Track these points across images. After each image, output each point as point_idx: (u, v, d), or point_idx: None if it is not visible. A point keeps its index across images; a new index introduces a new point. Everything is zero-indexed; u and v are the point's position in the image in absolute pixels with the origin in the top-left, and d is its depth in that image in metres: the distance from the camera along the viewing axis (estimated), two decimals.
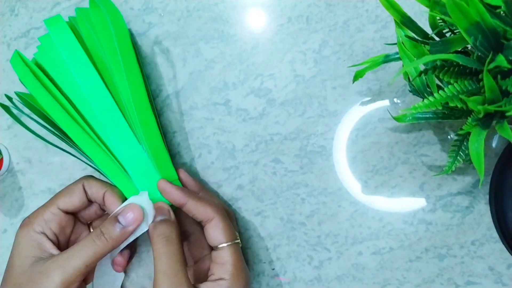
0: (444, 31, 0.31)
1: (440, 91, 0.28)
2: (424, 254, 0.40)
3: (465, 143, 0.34)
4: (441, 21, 0.30)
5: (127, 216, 0.36)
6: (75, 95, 0.39)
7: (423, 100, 0.28)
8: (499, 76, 0.26)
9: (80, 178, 0.40)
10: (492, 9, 0.25)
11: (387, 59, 0.35)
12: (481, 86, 0.27)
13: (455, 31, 0.31)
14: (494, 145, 0.39)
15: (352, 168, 0.41)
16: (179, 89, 0.44)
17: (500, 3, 0.25)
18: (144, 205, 0.37)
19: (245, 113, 0.43)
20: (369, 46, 0.41)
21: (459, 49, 0.28)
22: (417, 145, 0.40)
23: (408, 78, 0.35)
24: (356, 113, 0.42)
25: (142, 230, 0.37)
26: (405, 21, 0.31)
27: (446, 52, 0.28)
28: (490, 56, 0.25)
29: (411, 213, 0.40)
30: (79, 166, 0.45)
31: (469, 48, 0.29)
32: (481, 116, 0.28)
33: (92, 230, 0.41)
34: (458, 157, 0.34)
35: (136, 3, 0.46)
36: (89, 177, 0.40)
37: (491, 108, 0.26)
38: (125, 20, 0.44)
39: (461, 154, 0.34)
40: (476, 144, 0.27)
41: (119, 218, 0.36)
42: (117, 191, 0.39)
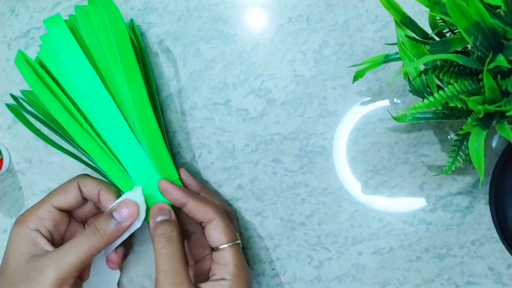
0: (444, 31, 0.31)
1: (440, 91, 0.28)
2: (424, 254, 0.40)
3: (465, 143, 0.34)
4: (441, 21, 0.30)
5: (122, 212, 0.36)
6: (77, 95, 0.39)
7: (423, 100, 0.28)
8: (499, 76, 0.26)
9: (75, 177, 0.40)
10: (492, 9, 0.25)
11: (387, 59, 0.35)
12: (481, 86, 0.27)
13: (455, 31, 0.31)
14: (494, 145, 0.39)
15: (352, 168, 0.41)
16: (179, 89, 0.44)
17: (500, 3, 0.25)
18: (138, 200, 0.37)
19: (245, 113, 0.43)
20: (369, 46, 0.41)
21: (459, 49, 0.28)
22: (417, 145, 0.40)
23: (408, 78, 0.35)
24: (356, 113, 0.42)
25: (136, 226, 0.37)
26: (405, 21, 0.31)
27: (446, 52, 0.28)
28: (490, 56, 0.25)
29: (411, 213, 0.40)
30: (79, 166, 0.45)
31: (469, 48, 0.29)
32: (481, 116, 0.28)
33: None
34: (458, 157, 0.34)
35: (136, 3, 0.46)
36: (84, 176, 0.40)
37: (491, 108, 0.26)
38: (126, 20, 0.44)
39: (461, 154, 0.34)
40: (476, 144, 0.27)
41: (114, 214, 0.36)
42: (112, 189, 0.39)
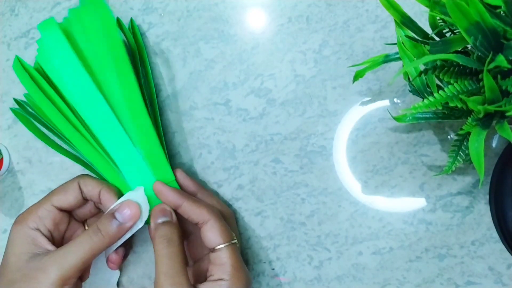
0: (444, 31, 0.31)
1: (440, 91, 0.28)
2: (424, 254, 0.40)
3: (465, 143, 0.34)
4: (441, 21, 0.30)
5: (124, 213, 0.36)
6: (73, 98, 0.39)
7: (423, 100, 0.28)
8: (499, 76, 0.26)
9: (76, 177, 0.40)
10: (492, 9, 0.25)
11: (387, 59, 0.35)
12: (481, 86, 0.27)
13: (455, 31, 0.31)
14: (494, 145, 0.39)
15: (352, 168, 0.41)
16: (179, 89, 0.44)
17: (500, 3, 0.25)
18: (140, 201, 0.37)
19: (245, 113, 0.43)
20: (369, 46, 0.41)
21: (459, 49, 0.28)
22: (417, 145, 0.40)
23: (408, 78, 0.35)
24: (356, 113, 0.42)
25: (138, 227, 0.37)
26: (405, 21, 0.31)
27: (446, 52, 0.28)
28: (490, 56, 0.25)
29: (411, 213, 0.40)
30: (79, 166, 0.45)
31: (469, 48, 0.29)
32: (481, 116, 0.28)
33: (88, 227, 0.41)
34: (458, 157, 0.34)
35: (136, 3, 0.46)
36: (85, 176, 0.40)
37: (491, 108, 0.26)
38: (125, 20, 0.44)
39: (461, 154, 0.34)
40: (476, 144, 0.27)
41: (116, 215, 0.36)
42: (113, 189, 0.39)
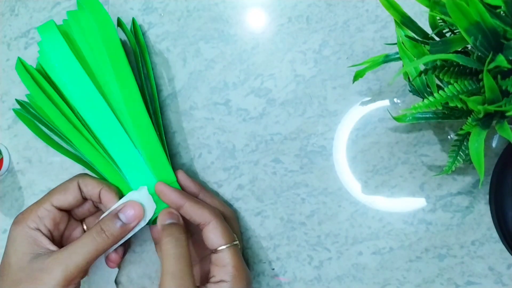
0: (444, 31, 0.31)
1: (440, 91, 0.28)
2: (424, 254, 0.40)
3: (465, 143, 0.34)
4: (441, 21, 0.30)
5: (128, 213, 0.36)
6: (75, 99, 0.39)
7: (423, 100, 0.28)
8: (499, 76, 0.26)
9: (75, 176, 0.40)
10: (492, 9, 0.25)
11: (387, 59, 0.35)
12: (481, 86, 0.27)
13: (455, 31, 0.31)
14: (494, 145, 0.39)
15: (352, 168, 0.41)
16: (179, 89, 0.44)
17: (500, 3, 0.25)
18: (143, 201, 0.38)
19: (245, 113, 0.43)
20: (369, 46, 0.41)
21: (459, 49, 0.28)
22: (417, 145, 0.40)
23: (408, 78, 0.35)
24: (356, 113, 0.42)
25: (140, 226, 0.37)
26: (405, 21, 0.31)
27: (446, 52, 0.28)
28: (490, 56, 0.25)
29: (411, 213, 0.40)
30: (79, 166, 0.45)
31: (469, 48, 0.29)
32: (481, 116, 0.28)
33: (87, 227, 0.41)
34: (458, 157, 0.34)
35: (136, 3, 0.46)
36: (84, 175, 0.40)
37: (491, 108, 0.26)
38: (125, 20, 0.45)
39: (461, 154, 0.34)
40: (476, 144, 0.27)
41: (120, 215, 0.36)
42: (114, 188, 0.39)
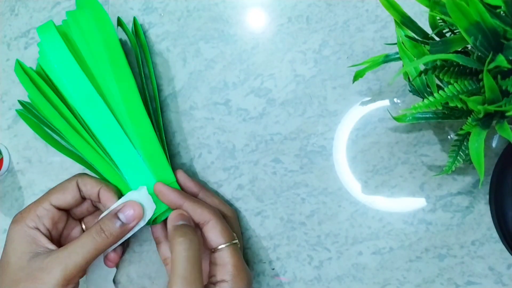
0: (444, 31, 0.31)
1: (440, 91, 0.28)
2: (424, 254, 0.40)
3: (465, 143, 0.34)
4: (441, 21, 0.30)
5: (127, 213, 0.36)
6: (74, 100, 0.39)
7: (423, 100, 0.28)
8: (499, 76, 0.26)
9: (74, 176, 0.40)
10: (492, 9, 0.25)
11: (387, 59, 0.35)
12: (481, 86, 0.27)
13: (455, 31, 0.31)
14: (494, 145, 0.39)
15: (352, 168, 0.41)
16: (179, 89, 0.44)
17: (500, 3, 0.25)
18: (143, 201, 0.38)
19: (245, 113, 0.43)
20: (369, 46, 0.41)
21: (459, 49, 0.28)
22: (417, 145, 0.40)
23: (408, 78, 0.35)
24: (356, 113, 0.42)
25: (140, 226, 0.37)
26: (405, 21, 0.31)
27: (446, 52, 0.28)
28: (490, 56, 0.25)
29: (411, 213, 0.40)
30: (79, 166, 0.45)
31: (469, 48, 0.29)
32: (481, 116, 0.28)
33: (85, 226, 0.41)
34: (458, 157, 0.34)
35: (136, 3, 0.46)
36: (83, 175, 0.40)
37: (491, 108, 0.26)
38: (125, 20, 0.45)
39: (461, 154, 0.34)
40: (476, 144, 0.27)
41: (119, 215, 0.36)
42: (113, 188, 0.39)
